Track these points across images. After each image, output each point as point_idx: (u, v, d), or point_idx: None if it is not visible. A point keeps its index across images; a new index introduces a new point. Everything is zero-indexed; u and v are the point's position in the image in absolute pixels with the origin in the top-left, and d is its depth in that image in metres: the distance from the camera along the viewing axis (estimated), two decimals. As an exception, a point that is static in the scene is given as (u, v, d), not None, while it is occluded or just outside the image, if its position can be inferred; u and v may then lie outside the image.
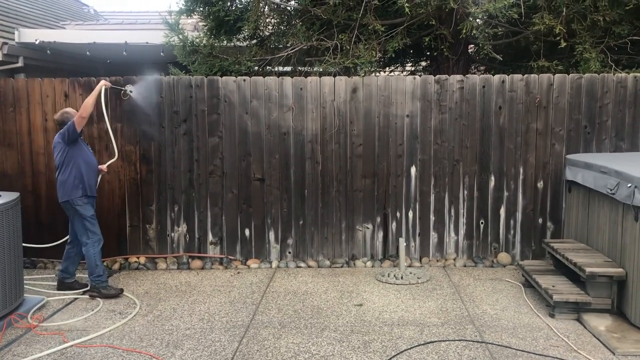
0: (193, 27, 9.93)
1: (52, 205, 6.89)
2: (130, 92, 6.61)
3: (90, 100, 5.74)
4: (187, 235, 6.94)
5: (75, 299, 5.78)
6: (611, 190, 5.07)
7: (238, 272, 6.66)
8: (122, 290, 5.89)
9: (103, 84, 6.08)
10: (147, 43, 9.14)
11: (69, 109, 5.93)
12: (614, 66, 6.96)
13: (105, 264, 6.83)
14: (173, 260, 6.92)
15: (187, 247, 6.96)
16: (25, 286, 5.64)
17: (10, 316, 5.08)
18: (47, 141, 6.82)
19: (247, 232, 6.93)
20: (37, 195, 6.91)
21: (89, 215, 5.77)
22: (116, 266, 6.83)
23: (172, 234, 6.94)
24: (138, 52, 9.74)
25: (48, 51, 9.45)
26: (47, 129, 6.82)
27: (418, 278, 6.21)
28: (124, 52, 9.61)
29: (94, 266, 5.77)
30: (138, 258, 6.93)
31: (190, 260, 6.92)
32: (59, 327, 5.03)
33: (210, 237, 6.94)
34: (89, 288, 5.86)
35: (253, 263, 6.88)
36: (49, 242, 6.90)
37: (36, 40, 9.08)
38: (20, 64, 9.20)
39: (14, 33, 9.27)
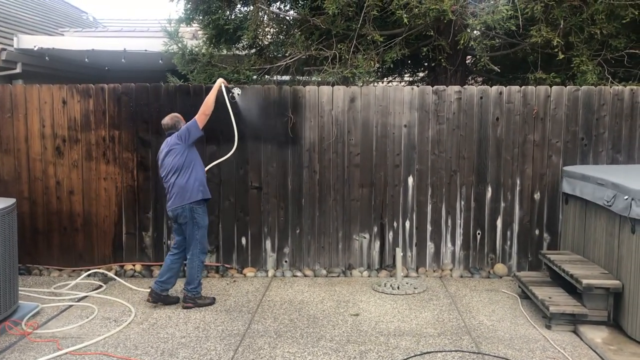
0: (192, 36, 9.95)
1: (48, 212, 6.87)
2: (238, 94, 6.45)
3: (211, 97, 5.77)
4: (184, 243, 6.91)
5: (70, 306, 5.75)
6: (608, 202, 5.08)
7: (234, 281, 6.63)
8: (214, 299, 5.84)
9: (222, 81, 6.02)
10: (146, 51, 9.15)
11: (177, 114, 5.87)
12: (610, 79, 7.01)
13: (100, 271, 6.82)
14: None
15: (183, 255, 6.93)
16: (19, 293, 5.60)
17: (5, 323, 5.04)
18: (45, 147, 6.81)
19: (243, 240, 6.92)
20: (34, 202, 6.88)
21: (205, 225, 5.70)
22: (112, 273, 6.80)
23: (169, 242, 6.91)
24: (137, 60, 9.75)
25: (46, 57, 9.46)
26: (45, 135, 6.81)
27: (415, 288, 6.20)
28: (123, 60, 9.62)
29: (194, 277, 5.68)
30: (134, 265, 6.91)
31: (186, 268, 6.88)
32: (54, 334, 4.99)
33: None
34: (182, 299, 5.74)
35: (249, 272, 6.86)
36: (44, 249, 6.89)
37: (35, 46, 9.09)
38: (18, 70, 9.21)
39: (12, 39, 9.28)
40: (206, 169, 5.99)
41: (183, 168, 5.57)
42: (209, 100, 5.76)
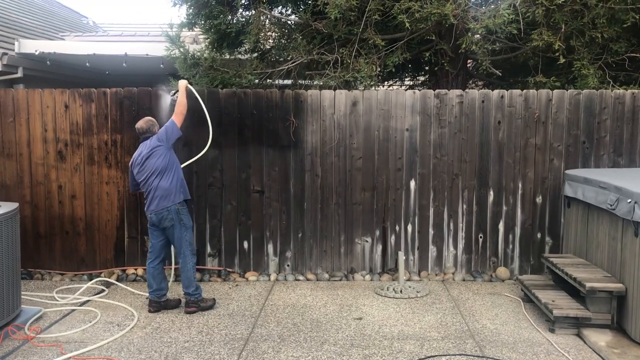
0: (192, 40, 9.94)
1: (50, 216, 6.87)
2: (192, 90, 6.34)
3: (182, 97, 5.81)
4: (186, 247, 6.91)
5: (73, 310, 5.74)
6: (611, 205, 5.09)
7: (236, 285, 6.63)
8: (214, 300, 5.86)
9: (185, 82, 6.02)
10: (147, 55, 9.15)
11: (151, 117, 5.88)
12: (611, 82, 7.02)
13: (102, 275, 6.81)
14: (170, 273, 6.87)
15: (186, 259, 6.92)
16: (22, 297, 5.60)
17: (8, 327, 5.04)
18: (47, 152, 6.81)
19: (245, 244, 6.92)
20: (36, 206, 6.88)
21: (191, 225, 5.72)
22: (114, 277, 6.79)
23: (171, 246, 6.90)
24: (138, 64, 9.75)
25: (48, 62, 9.45)
26: (47, 139, 6.81)
27: (417, 292, 6.20)
28: (124, 64, 9.62)
29: (191, 279, 5.67)
30: (136, 270, 6.90)
31: (188, 272, 6.88)
32: (57, 338, 4.99)
33: (208, 249, 6.92)
34: (185, 304, 5.72)
35: (251, 276, 6.85)
36: (46, 253, 6.89)
37: (36, 51, 9.08)
38: (19, 74, 9.20)
39: (13, 44, 9.27)
40: (182, 166, 5.99)
41: (167, 170, 5.58)
42: (182, 100, 5.80)
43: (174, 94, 6.34)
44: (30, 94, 6.83)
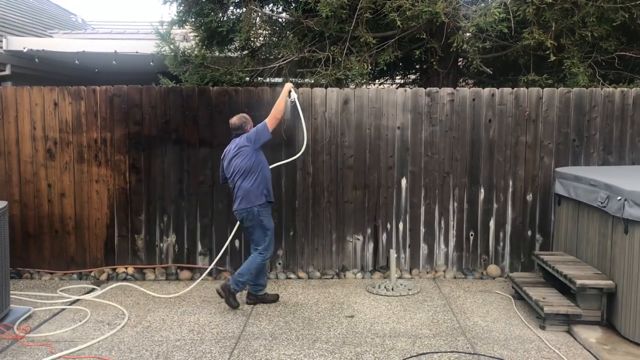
0: (183, 38, 9.90)
1: (39, 215, 6.81)
2: (295, 98, 6.25)
3: (281, 102, 5.76)
4: (176, 246, 6.88)
5: (63, 309, 5.70)
6: (601, 203, 5.12)
7: (227, 283, 6.60)
8: (238, 304, 5.74)
9: (291, 86, 6.01)
10: (137, 52, 9.11)
11: (245, 114, 5.85)
12: (601, 81, 7.07)
13: (92, 274, 6.77)
14: (162, 271, 6.85)
15: (176, 257, 6.90)
16: (11, 296, 5.54)
17: (-4, 327, 4.99)
18: (36, 150, 6.75)
19: (237, 243, 6.89)
20: (24, 205, 6.82)
21: (272, 227, 5.68)
22: (104, 276, 6.75)
23: (161, 244, 6.88)
24: (127, 62, 9.70)
25: (36, 59, 9.38)
26: (36, 137, 6.75)
27: (409, 290, 6.21)
28: (113, 62, 9.57)
29: (247, 272, 5.59)
30: (126, 268, 6.86)
31: (179, 271, 6.86)
32: (46, 338, 4.94)
33: (199, 248, 6.89)
34: (223, 284, 5.65)
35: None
36: (35, 252, 6.83)
37: (24, 48, 9.01)
38: (7, 72, 9.13)
39: (1, 41, 9.20)
40: (271, 167, 5.95)
41: (251, 171, 5.53)
42: (280, 104, 5.75)
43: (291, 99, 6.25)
44: (19, 92, 6.76)
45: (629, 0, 6.58)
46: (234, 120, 5.75)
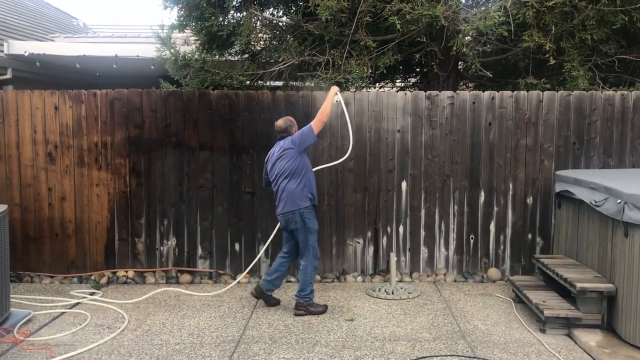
0: (183, 42, 9.92)
1: (39, 219, 6.82)
2: (338, 100, 6.14)
3: (328, 105, 5.73)
4: (177, 249, 6.89)
5: (63, 313, 5.70)
6: (601, 206, 5.11)
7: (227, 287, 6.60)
8: (326, 307, 5.74)
9: (336, 89, 5.99)
10: (137, 56, 9.12)
11: (290, 117, 5.85)
12: (601, 84, 7.07)
13: (92, 277, 6.77)
14: (162, 275, 6.85)
15: (176, 261, 6.90)
16: (11, 300, 5.55)
17: (-4, 330, 4.99)
18: (36, 153, 6.76)
19: (237, 246, 6.89)
20: (25, 208, 6.82)
21: (316, 229, 5.65)
22: (104, 280, 6.75)
23: (161, 248, 6.88)
24: (128, 66, 9.71)
25: (37, 63, 9.40)
26: (36, 141, 6.77)
27: (409, 293, 6.20)
28: (114, 65, 9.59)
29: (308, 283, 5.62)
30: (126, 272, 6.86)
31: (179, 274, 6.86)
32: (46, 341, 4.94)
33: (199, 251, 6.89)
34: (295, 306, 5.68)
35: (243, 277, 6.82)
36: (35, 255, 6.83)
37: (25, 52, 9.03)
38: (8, 75, 9.14)
39: (2, 45, 9.21)
40: (314, 170, 5.93)
41: (295, 173, 5.51)
42: (326, 108, 5.72)
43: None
44: (20, 96, 6.78)
45: (628, 3, 6.58)
46: (280, 122, 5.75)
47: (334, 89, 5.99)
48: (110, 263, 6.89)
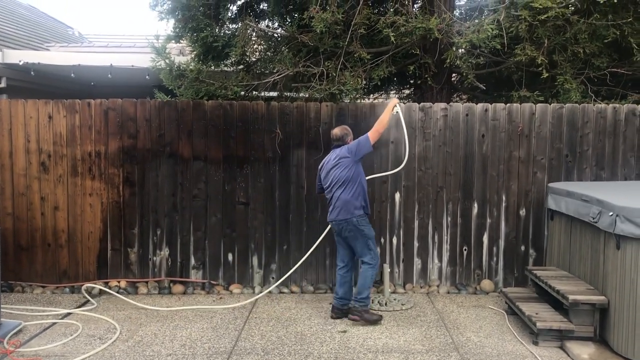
0: (179, 52, 9.94)
1: (32, 228, 6.79)
2: (397, 111, 6.23)
3: (386, 116, 5.80)
4: (169, 260, 6.86)
5: (54, 323, 5.66)
6: (593, 218, 5.14)
7: (220, 297, 6.58)
8: (381, 317, 5.72)
9: (396, 101, 6.07)
10: (132, 66, 9.13)
11: (346, 126, 5.90)
12: (594, 97, 7.12)
13: (84, 287, 6.73)
14: (154, 285, 6.82)
15: (169, 271, 6.87)
16: (2, 310, 5.51)
17: (-14, 341, 4.95)
18: (30, 162, 6.75)
19: (230, 256, 6.88)
20: (17, 218, 6.80)
21: (373, 235, 5.68)
22: (96, 290, 6.71)
23: (154, 258, 6.86)
24: (123, 75, 9.72)
25: (32, 72, 9.39)
26: (30, 150, 6.75)
27: (402, 304, 6.20)
28: (109, 75, 9.59)
29: (366, 288, 5.63)
30: (119, 282, 6.83)
31: (171, 285, 6.83)
32: (37, 352, 4.91)
33: (192, 262, 6.87)
34: (349, 310, 5.69)
35: (236, 288, 6.81)
36: (27, 265, 6.80)
37: (20, 61, 9.02)
38: (3, 84, 9.11)
39: (-3, 54, 9.20)
40: (367, 178, 5.99)
41: (350, 182, 5.55)
42: (384, 119, 5.80)
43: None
44: (14, 105, 6.77)
45: (620, 18, 6.65)
46: (336, 131, 5.81)
47: (394, 101, 6.07)
48: (102, 273, 6.86)
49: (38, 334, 5.36)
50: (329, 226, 6.16)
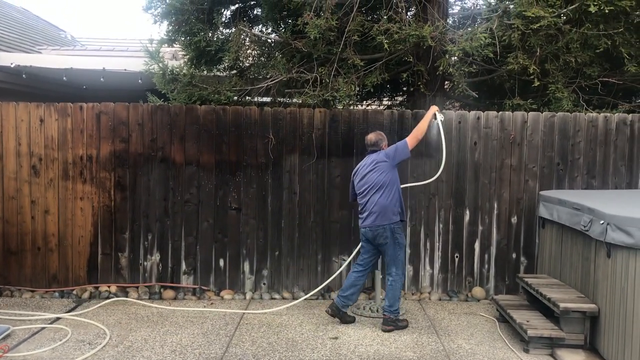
0: (172, 56, 9.93)
1: (22, 232, 6.73)
2: (442, 120, 6.30)
3: (424, 123, 5.82)
4: (160, 265, 6.83)
5: (43, 328, 5.61)
6: (585, 227, 5.16)
7: (211, 303, 6.55)
8: (407, 322, 5.78)
9: (435, 109, 6.08)
10: (125, 70, 9.10)
11: (381, 132, 5.90)
12: (585, 106, 7.17)
13: (74, 292, 6.68)
14: (145, 290, 6.78)
15: (160, 276, 6.84)
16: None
17: (-26, 346, 4.90)
18: (20, 166, 6.70)
19: (221, 262, 6.85)
20: (7, 221, 6.74)
21: (404, 244, 5.65)
22: (86, 295, 6.66)
23: (145, 263, 6.82)
24: (116, 79, 9.69)
25: (24, 75, 9.34)
26: (20, 153, 6.71)
27: (393, 311, 6.18)
28: (102, 79, 9.55)
29: (397, 298, 5.61)
30: (109, 287, 6.78)
31: (162, 290, 6.79)
32: (25, 357, 4.86)
33: (183, 267, 6.84)
34: (383, 321, 5.66)
35: (227, 294, 6.78)
36: (16, 269, 6.74)
37: (12, 63, 8.97)
38: (-6, 87, 9.07)
39: (-11, 56, 9.15)
40: (402, 187, 5.99)
41: (387, 187, 5.51)
42: (422, 126, 5.82)
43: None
44: (5, 108, 6.73)
45: (611, 27, 6.71)
46: (371, 136, 5.79)
47: (433, 108, 6.10)
48: (92, 278, 6.81)
49: (26, 339, 5.30)
50: (360, 234, 5.96)
